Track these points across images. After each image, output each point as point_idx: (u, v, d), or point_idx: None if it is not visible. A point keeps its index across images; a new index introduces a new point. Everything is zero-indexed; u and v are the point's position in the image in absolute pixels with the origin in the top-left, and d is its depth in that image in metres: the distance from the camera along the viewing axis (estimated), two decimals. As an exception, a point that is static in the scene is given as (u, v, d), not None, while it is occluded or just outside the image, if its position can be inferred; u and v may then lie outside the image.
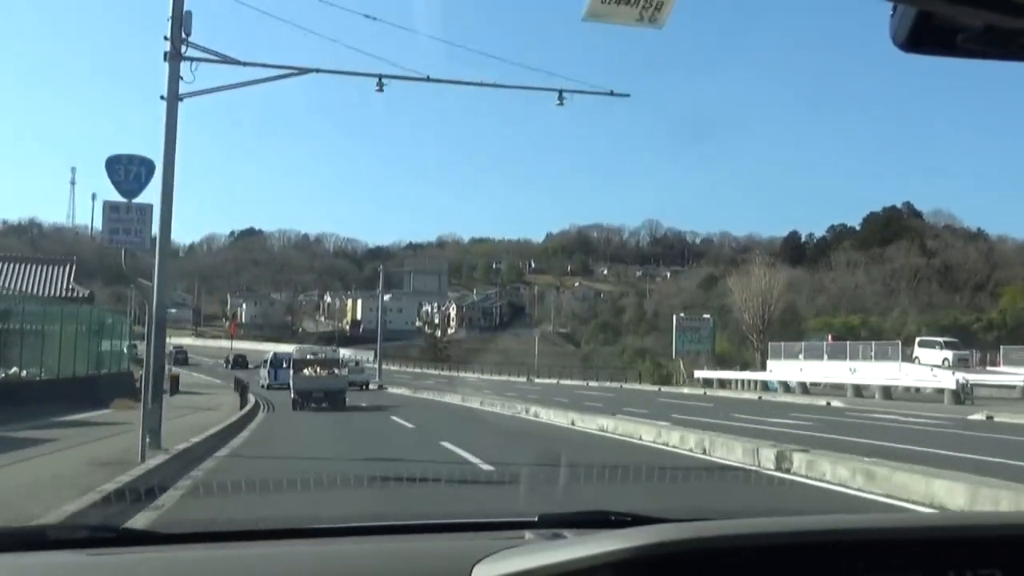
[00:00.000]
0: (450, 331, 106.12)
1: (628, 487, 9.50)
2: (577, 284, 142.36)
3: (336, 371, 29.25)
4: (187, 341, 79.55)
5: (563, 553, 1.60)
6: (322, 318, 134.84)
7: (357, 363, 32.43)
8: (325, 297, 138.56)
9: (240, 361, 75.33)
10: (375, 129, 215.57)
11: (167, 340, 18.18)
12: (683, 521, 1.91)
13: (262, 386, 44.22)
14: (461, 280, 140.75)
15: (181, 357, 75.20)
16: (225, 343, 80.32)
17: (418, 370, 78.36)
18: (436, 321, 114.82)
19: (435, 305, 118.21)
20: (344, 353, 44.61)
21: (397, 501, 8.59)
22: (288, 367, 46.20)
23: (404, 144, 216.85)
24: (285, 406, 28.40)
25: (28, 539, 2.27)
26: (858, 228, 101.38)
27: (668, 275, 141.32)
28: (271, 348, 69.73)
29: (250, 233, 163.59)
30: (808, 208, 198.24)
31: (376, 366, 46.05)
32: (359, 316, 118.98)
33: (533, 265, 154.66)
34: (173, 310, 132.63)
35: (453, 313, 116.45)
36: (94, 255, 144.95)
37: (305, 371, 28.58)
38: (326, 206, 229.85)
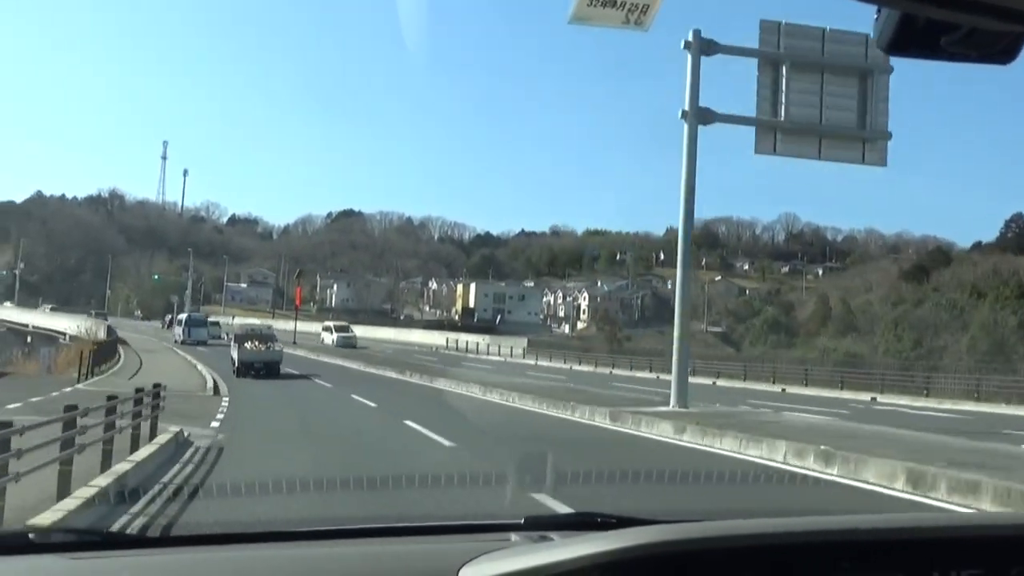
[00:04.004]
0: (580, 325, 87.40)
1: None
2: (718, 279, 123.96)
3: (271, 345, 32.74)
4: (254, 322, 65.19)
5: (549, 555, 1.60)
6: (426, 306, 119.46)
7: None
8: (430, 283, 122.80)
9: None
10: (489, 111, 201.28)
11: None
12: (669, 523, 1.85)
13: (176, 341, 48.57)
14: (581, 272, 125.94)
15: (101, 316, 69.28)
16: (302, 325, 64.90)
17: (641, 374, 41.39)
18: (562, 313, 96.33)
19: (559, 295, 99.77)
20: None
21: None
22: (202, 327, 53.23)
23: (517, 128, 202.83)
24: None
25: (12, 543, 2.23)
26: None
27: (820, 272, 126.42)
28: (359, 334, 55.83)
29: (349, 215, 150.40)
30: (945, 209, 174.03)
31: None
32: (471, 303, 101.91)
33: (662, 257, 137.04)
34: (244, 284, 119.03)
35: (584, 304, 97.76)
36: (179, 231, 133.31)
37: (247, 344, 32.41)
38: (432, 189, 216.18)
